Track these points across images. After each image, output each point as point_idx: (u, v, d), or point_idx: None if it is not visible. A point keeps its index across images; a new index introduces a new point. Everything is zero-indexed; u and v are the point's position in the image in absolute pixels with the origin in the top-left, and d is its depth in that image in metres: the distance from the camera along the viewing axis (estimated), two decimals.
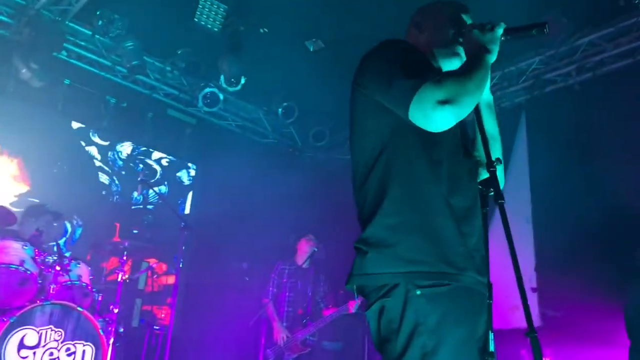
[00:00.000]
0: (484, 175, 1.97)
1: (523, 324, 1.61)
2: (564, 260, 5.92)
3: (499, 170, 1.86)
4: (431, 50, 2.12)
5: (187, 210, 8.20)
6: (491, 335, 1.62)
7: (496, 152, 2.04)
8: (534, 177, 6.64)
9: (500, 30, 1.94)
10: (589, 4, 5.95)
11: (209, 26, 6.39)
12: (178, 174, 8.30)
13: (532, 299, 6.29)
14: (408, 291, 1.76)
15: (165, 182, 8.11)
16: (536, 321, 6.13)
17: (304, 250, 6.55)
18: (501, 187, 1.86)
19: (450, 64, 2.07)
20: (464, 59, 1.99)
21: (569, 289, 5.77)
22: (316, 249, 6.43)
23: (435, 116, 1.76)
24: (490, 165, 1.82)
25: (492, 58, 1.91)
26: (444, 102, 1.75)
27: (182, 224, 5.61)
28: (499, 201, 1.77)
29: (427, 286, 1.75)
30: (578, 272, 5.77)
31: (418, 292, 1.74)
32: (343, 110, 2.38)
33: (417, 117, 1.79)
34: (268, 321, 6.40)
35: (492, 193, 1.82)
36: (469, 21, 2.12)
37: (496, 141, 2.09)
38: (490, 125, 2.07)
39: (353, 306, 5.83)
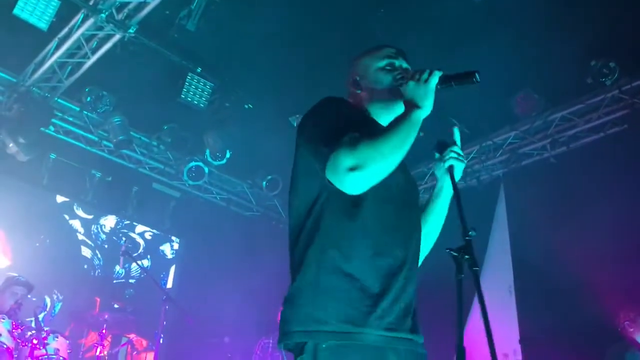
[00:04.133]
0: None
1: None
2: (550, 332, 5.91)
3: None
4: (372, 104, 2.18)
5: (169, 284, 8.11)
6: None
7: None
8: (515, 247, 6.71)
9: (434, 80, 1.97)
10: (559, 82, 6.25)
11: (195, 102, 6.58)
12: (161, 248, 8.26)
13: None
14: (316, 345, 1.79)
15: (148, 256, 8.06)
16: None
17: None
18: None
19: (392, 116, 2.06)
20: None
21: None
22: None
23: (346, 181, 1.82)
24: (466, 233, 1.84)
25: (424, 112, 1.95)
26: (353, 169, 1.80)
27: (164, 297, 5.56)
28: (474, 268, 1.79)
29: (327, 345, 1.79)
30: (565, 343, 5.76)
31: (324, 345, 1.78)
32: None
33: (332, 180, 1.84)
34: None
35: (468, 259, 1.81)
36: (404, 65, 2.17)
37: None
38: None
39: None
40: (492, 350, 1.73)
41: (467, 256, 1.81)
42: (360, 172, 1.80)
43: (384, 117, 2.14)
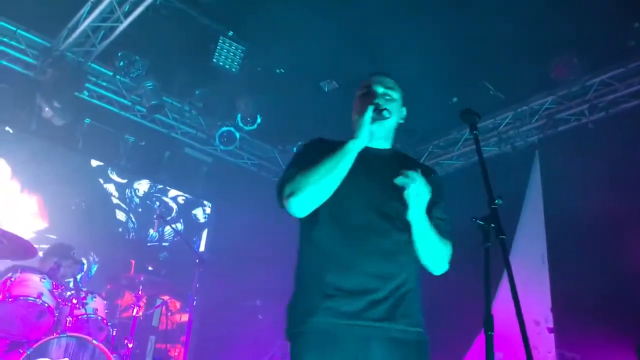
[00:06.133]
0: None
1: None
2: (582, 301, 5.84)
3: None
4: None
5: (202, 248, 8.24)
6: None
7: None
8: (549, 215, 6.61)
9: (368, 114, 2.26)
10: (599, 45, 6.03)
11: (227, 67, 6.55)
12: (194, 212, 8.37)
13: (549, 340, 6.19)
14: (290, 337, 2.21)
15: (181, 220, 8.18)
16: None
17: None
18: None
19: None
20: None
21: (588, 330, 5.68)
22: None
23: (287, 206, 2.25)
24: (492, 202, 1.95)
25: (358, 142, 2.25)
26: (289, 195, 2.22)
27: (197, 260, 5.64)
28: (500, 237, 1.88)
29: (292, 332, 2.19)
30: (597, 312, 5.69)
31: (292, 335, 2.20)
32: None
33: (283, 206, 2.29)
34: None
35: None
36: (378, 88, 2.44)
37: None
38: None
39: None
40: (519, 316, 1.74)
41: (493, 225, 1.92)
42: (294, 197, 2.21)
43: None
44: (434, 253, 2.26)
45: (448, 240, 2.32)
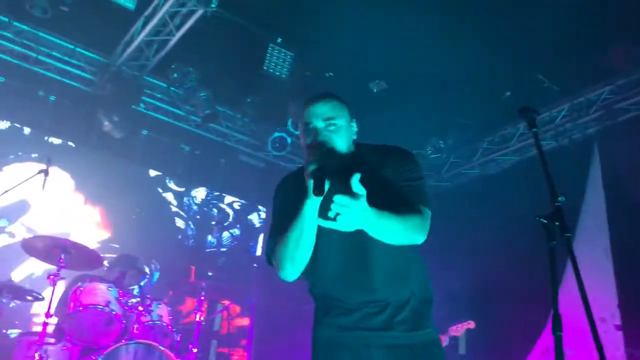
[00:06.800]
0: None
1: None
2: None
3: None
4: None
5: (258, 252, 8.36)
6: None
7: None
8: (611, 209, 6.40)
9: (310, 191, 2.03)
10: None
11: (277, 73, 6.64)
12: (249, 217, 8.50)
13: (617, 338, 6.00)
14: None
15: (238, 225, 8.32)
16: None
17: None
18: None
19: None
20: None
21: None
22: None
23: (280, 276, 2.31)
24: (555, 199, 1.89)
25: (313, 201, 2.07)
26: (277, 269, 2.29)
27: (255, 264, 5.72)
28: (565, 234, 1.82)
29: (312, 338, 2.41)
30: None
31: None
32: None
33: None
34: None
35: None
36: (318, 123, 2.29)
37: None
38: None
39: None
40: (589, 316, 1.70)
41: (557, 222, 1.85)
42: (282, 272, 2.28)
43: None
44: (396, 237, 2.15)
45: (416, 208, 2.20)
